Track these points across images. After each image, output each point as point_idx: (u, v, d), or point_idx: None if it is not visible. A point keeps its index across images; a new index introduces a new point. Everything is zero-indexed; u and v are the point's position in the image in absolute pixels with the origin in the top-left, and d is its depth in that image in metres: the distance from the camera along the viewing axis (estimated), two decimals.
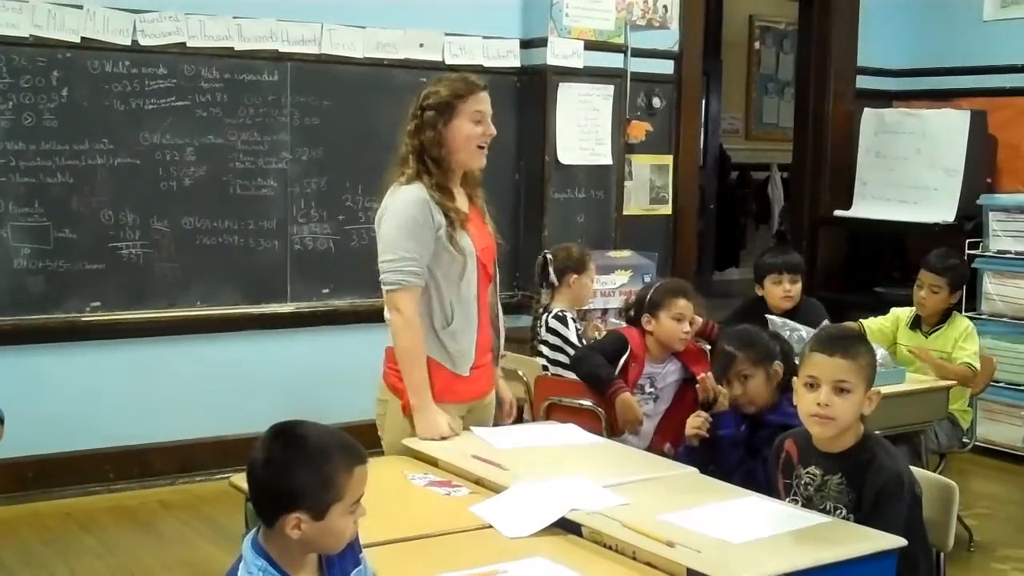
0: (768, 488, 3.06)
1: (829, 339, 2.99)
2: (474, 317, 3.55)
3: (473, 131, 3.49)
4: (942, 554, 2.98)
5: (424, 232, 3.41)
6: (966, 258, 6.45)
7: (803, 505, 2.91)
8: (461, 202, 3.56)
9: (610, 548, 2.66)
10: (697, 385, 4.21)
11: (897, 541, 2.61)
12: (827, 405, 2.84)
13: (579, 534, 2.74)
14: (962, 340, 5.12)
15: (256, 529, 2.24)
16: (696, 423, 3.78)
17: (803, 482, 2.93)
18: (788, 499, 2.96)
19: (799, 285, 5.09)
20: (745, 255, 11.62)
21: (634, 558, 2.59)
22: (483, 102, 3.52)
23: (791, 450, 3.01)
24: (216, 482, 5.48)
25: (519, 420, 4.86)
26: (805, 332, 4.48)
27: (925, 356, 5.00)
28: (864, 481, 2.81)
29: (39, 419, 5.16)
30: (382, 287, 3.49)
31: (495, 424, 3.75)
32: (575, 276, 5.04)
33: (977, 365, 5.05)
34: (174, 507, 5.34)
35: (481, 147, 3.53)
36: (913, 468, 2.98)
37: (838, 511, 2.84)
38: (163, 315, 5.57)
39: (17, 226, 5.22)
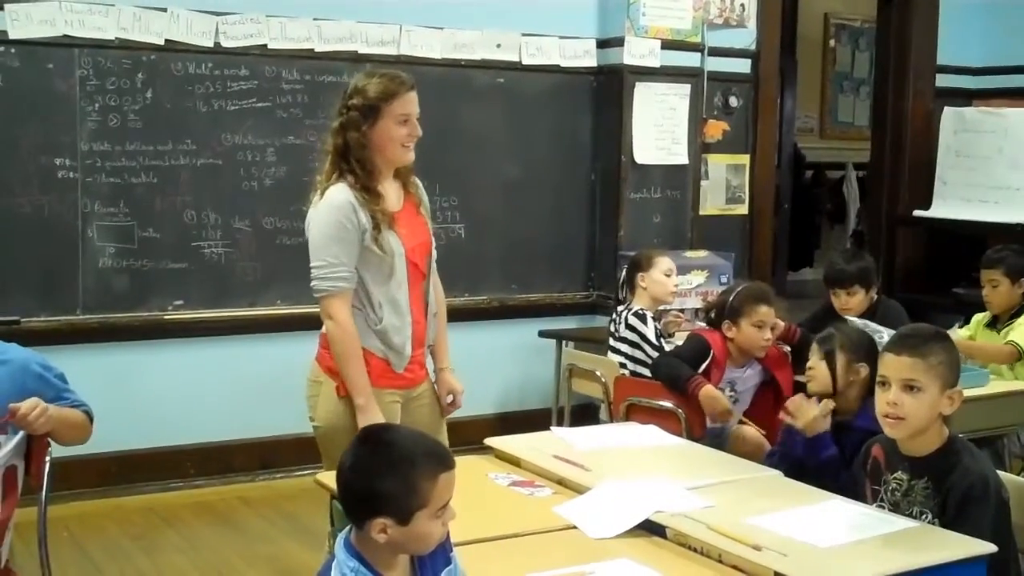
0: (853, 493, 3.04)
1: (900, 338, 2.97)
2: (406, 315, 3.52)
3: (398, 133, 3.44)
4: None
5: (349, 235, 3.40)
6: None
7: (890, 511, 2.87)
8: (391, 199, 3.51)
9: (695, 551, 2.65)
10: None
11: (986, 547, 2.58)
12: (896, 404, 2.81)
13: (663, 536, 2.74)
14: (1020, 324, 5.06)
15: (349, 529, 2.26)
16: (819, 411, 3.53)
17: (891, 488, 2.90)
18: (875, 505, 2.93)
19: (858, 296, 4.97)
20: (820, 255, 11.50)
21: (720, 561, 2.58)
22: (410, 103, 3.45)
23: (879, 455, 2.98)
24: (296, 479, 5.55)
25: (596, 421, 4.89)
26: (887, 334, 4.43)
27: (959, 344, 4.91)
28: (949, 485, 2.78)
29: (123, 415, 5.23)
30: (313, 294, 3.50)
31: (443, 416, 3.75)
32: (642, 274, 5.02)
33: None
34: (255, 503, 5.41)
35: (406, 146, 3.48)
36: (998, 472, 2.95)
37: (924, 516, 2.81)
38: (244, 314, 5.65)
39: (103, 225, 5.32)
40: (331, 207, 3.41)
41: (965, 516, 2.73)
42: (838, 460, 3.43)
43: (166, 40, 5.37)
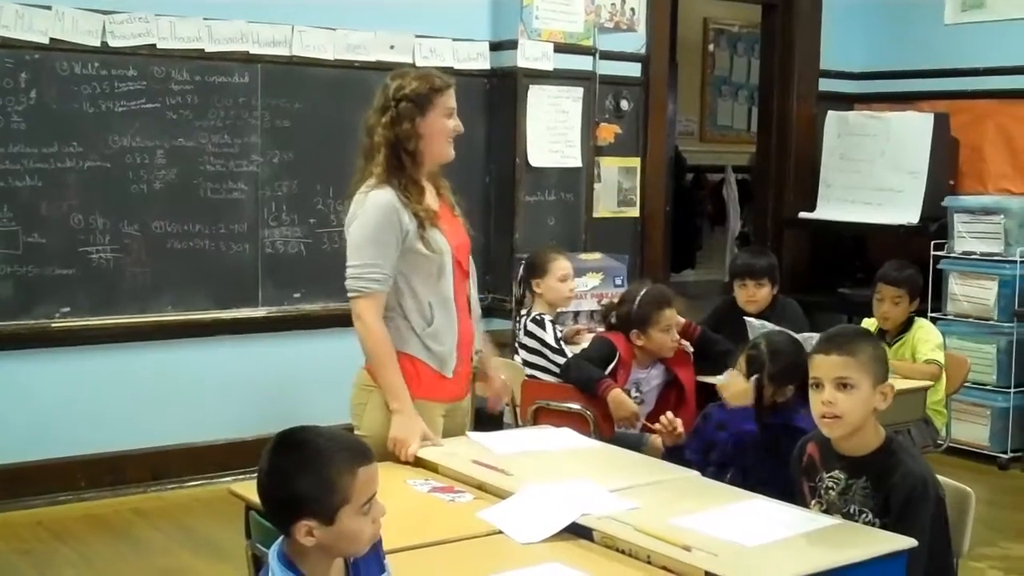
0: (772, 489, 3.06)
1: (827, 338, 3.00)
2: (454, 315, 3.53)
3: (446, 125, 3.52)
4: (956, 559, 3.00)
5: (389, 237, 3.40)
6: (931, 259, 6.54)
7: (825, 509, 2.91)
8: (431, 199, 3.55)
9: (623, 552, 2.64)
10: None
11: (908, 542, 2.62)
12: (831, 403, 2.85)
13: (591, 539, 2.72)
14: (923, 340, 5.17)
15: (281, 540, 2.20)
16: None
17: (826, 486, 2.93)
18: (813, 502, 2.96)
19: (766, 289, 5.10)
20: (701, 257, 11.67)
21: (649, 562, 2.57)
22: (454, 98, 3.55)
23: (813, 453, 3.01)
24: (189, 489, 5.43)
25: (500, 424, 4.87)
26: None
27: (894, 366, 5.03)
28: (891, 485, 2.81)
29: (8, 427, 5.12)
30: (347, 294, 3.47)
31: (489, 406, 3.84)
32: (537, 280, 5.05)
33: (940, 359, 5.09)
34: (148, 515, 5.26)
35: (449, 140, 3.57)
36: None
37: (863, 515, 2.84)
38: (134, 320, 5.50)
39: None
40: (375, 207, 3.40)
41: (910, 516, 2.77)
42: (753, 436, 3.47)
43: (51, 39, 5.19)
